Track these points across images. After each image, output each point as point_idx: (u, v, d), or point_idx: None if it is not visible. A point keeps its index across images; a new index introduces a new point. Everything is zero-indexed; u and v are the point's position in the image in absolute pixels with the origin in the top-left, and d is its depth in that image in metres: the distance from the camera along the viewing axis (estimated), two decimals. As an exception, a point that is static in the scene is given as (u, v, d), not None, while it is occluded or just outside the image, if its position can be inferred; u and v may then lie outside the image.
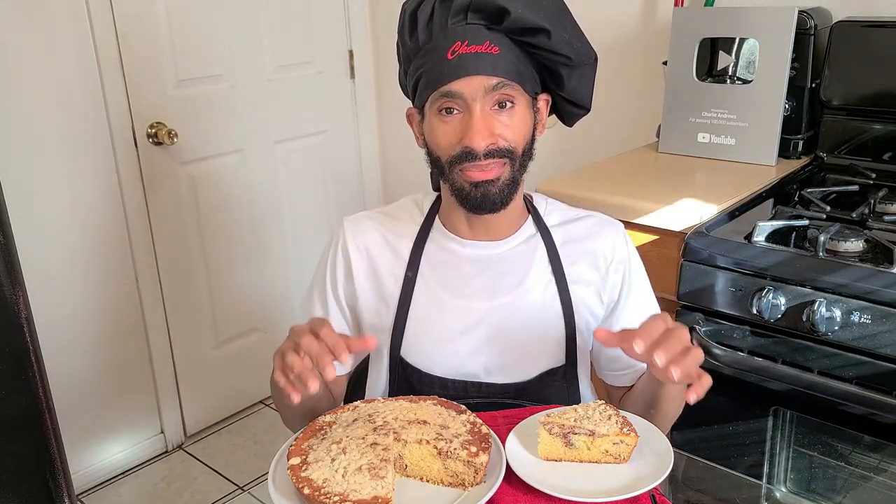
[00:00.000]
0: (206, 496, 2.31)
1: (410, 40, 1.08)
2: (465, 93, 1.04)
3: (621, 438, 0.97)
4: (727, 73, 1.90)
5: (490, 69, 1.03)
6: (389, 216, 1.22)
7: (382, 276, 1.18)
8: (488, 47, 1.03)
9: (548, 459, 0.99)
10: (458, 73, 1.03)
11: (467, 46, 1.03)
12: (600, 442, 0.98)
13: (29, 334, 1.10)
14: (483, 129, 1.04)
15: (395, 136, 2.91)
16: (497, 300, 1.16)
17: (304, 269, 2.78)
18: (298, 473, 0.91)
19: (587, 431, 0.98)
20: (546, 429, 0.98)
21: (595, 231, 1.19)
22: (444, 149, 1.08)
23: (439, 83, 1.05)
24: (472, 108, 1.04)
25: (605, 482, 0.95)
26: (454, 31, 1.04)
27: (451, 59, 1.03)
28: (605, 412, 1.00)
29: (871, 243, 1.37)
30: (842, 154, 1.80)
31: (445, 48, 1.04)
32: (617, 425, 0.98)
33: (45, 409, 1.13)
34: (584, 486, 0.94)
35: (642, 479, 0.95)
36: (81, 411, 2.27)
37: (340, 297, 1.21)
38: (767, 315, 1.35)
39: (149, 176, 2.31)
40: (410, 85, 1.12)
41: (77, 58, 2.09)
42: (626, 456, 0.98)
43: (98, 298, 2.26)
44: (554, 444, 0.99)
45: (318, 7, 2.65)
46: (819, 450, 1.43)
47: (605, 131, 2.27)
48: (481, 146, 1.04)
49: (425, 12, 1.06)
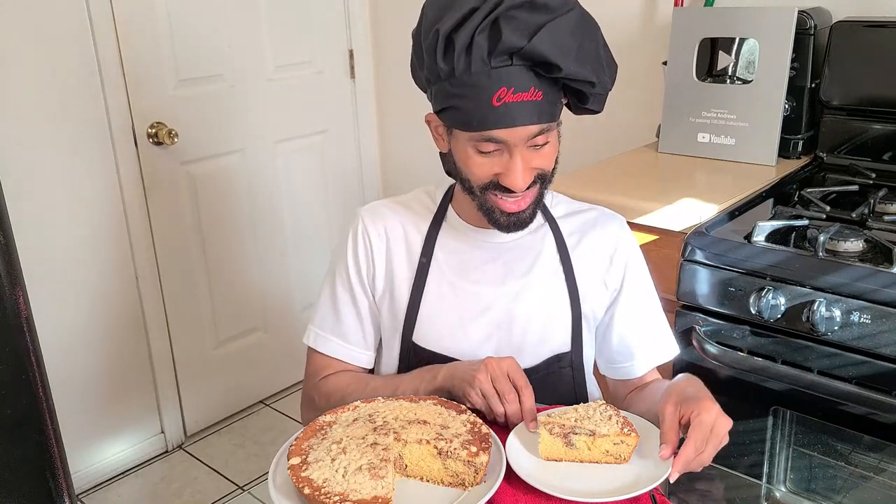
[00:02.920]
0: (206, 496, 2.31)
1: (444, 63, 1.03)
2: (508, 140, 1.04)
3: (622, 439, 0.97)
4: (727, 73, 1.90)
5: (535, 118, 1.04)
6: (403, 205, 1.26)
7: (397, 260, 1.22)
8: (533, 93, 1.02)
9: (548, 459, 0.99)
10: (505, 122, 1.03)
11: (513, 94, 1.01)
12: (601, 442, 0.98)
13: (29, 334, 1.10)
14: (524, 171, 1.06)
15: (395, 135, 2.91)
16: (507, 286, 1.19)
17: (305, 269, 2.78)
18: (298, 473, 0.91)
19: (588, 431, 0.98)
20: (547, 429, 0.98)
21: (599, 223, 1.23)
22: (479, 177, 1.09)
23: (483, 127, 1.04)
24: (513, 153, 1.06)
25: (605, 482, 0.95)
26: (499, 75, 1.01)
27: (496, 105, 1.01)
28: (605, 412, 1.01)
29: (871, 243, 1.37)
30: (842, 154, 1.80)
31: (490, 92, 1.01)
32: (617, 425, 0.98)
33: (45, 409, 1.13)
34: (584, 486, 0.95)
35: (642, 479, 0.95)
36: (81, 411, 2.27)
37: (364, 279, 1.23)
38: (767, 315, 1.35)
39: (149, 176, 2.31)
40: (437, 100, 1.10)
41: (77, 58, 2.09)
42: (627, 456, 0.98)
43: (98, 298, 2.26)
44: (554, 444, 0.99)
45: (318, 7, 2.65)
46: (819, 450, 1.43)
47: (605, 131, 2.27)
48: (522, 188, 1.07)
49: (463, 39, 1.00)
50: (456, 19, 1.01)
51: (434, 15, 1.05)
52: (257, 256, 2.65)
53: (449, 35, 1.02)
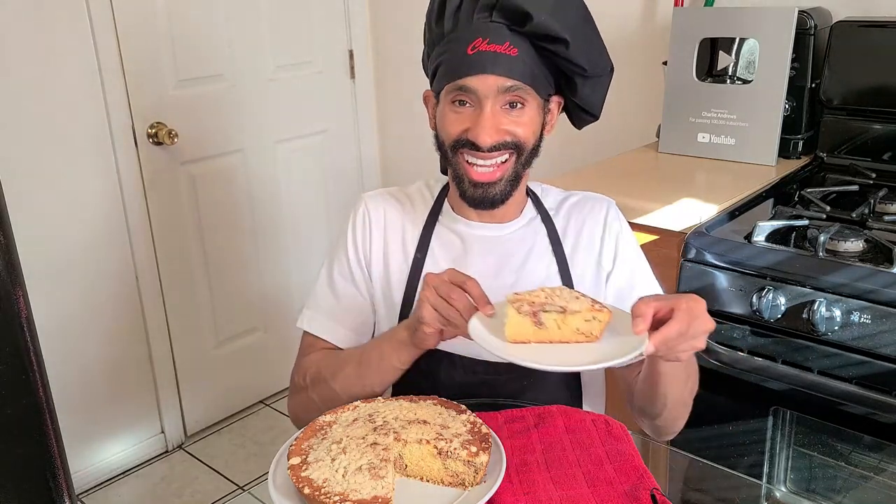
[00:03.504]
0: (206, 496, 2.31)
1: (436, 26, 1.11)
2: (479, 89, 1.07)
3: (593, 315, 0.91)
4: (727, 73, 1.90)
5: (506, 71, 1.06)
6: (406, 196, 1.27)
7: (393, 254, 1.23)
8: (507, 48, 1.06)
9: (515, 342, 0.93)
10: (475, 69, 1.06)
11: (487, 44, 1.05)
12: (572, 319, 0.92)
13: (29, 334, 1.10)
14: (490, 127, 1.08)
15: (395, 135, 2.91)
16: (502, 279, 1.20)
17: (304, 269, 2.78)
18: (298, 473, 0.91)
19: (558, 308, 0.91)
20: (515, 307, 0.91)
21: (587, 207, 1.24)
22: (451, 136, 1.12)
23: (456, 76, 1.07)
24: (483, 105, 1.08)
25: (579, 357, 0.90)
26: (477, 27, 1.06)
27: (470, 54, 1.06)
28: (571, 294, 0.95)
29: (871, 243, 1.37)
30: (842, 154, 1.80)
31: (466, 42, 1.06)
32: (588, 303, 0.93)
33: (45, 409, 1.13)
34: (557, 360, 0.89)
35: (617, 352, 0.89)
36: (81, 411, 2.27)
37: (361, 261, 1.24)
38: (767, 315, 1.35)
39: (149, 176, 2.31)
40: (431, 69, 1.15)
41: (77, 58, 2.09)
42: (599, 333, 0.92)
43: (98, 298, 2.26)
44: (523, 323, 0.92)
45: (318, 7, 2.65)
46: (819, 450, 1.43)
47: (605, 131, 2.26)
48: (487, 143, 1.08)
49: (454, 1, 1.08)
50: None
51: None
52: (257, 256, 2.65)
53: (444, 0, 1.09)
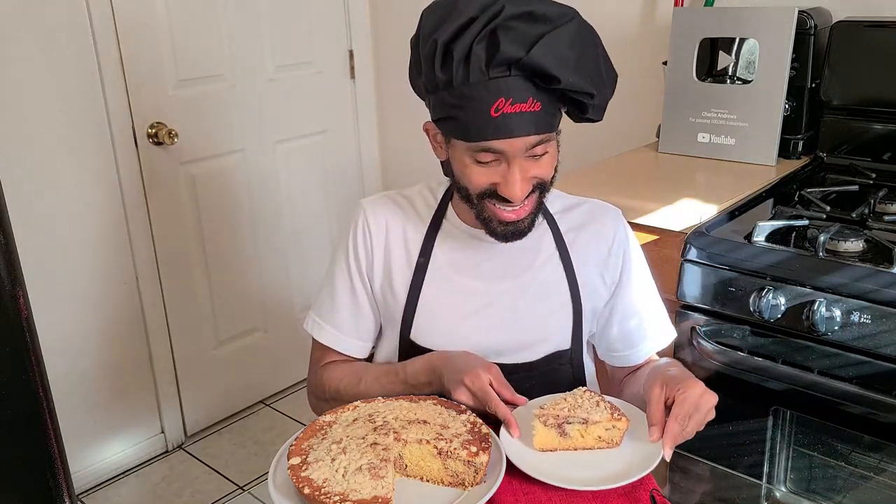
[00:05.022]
0: (206, 496, 2.31)
1: (442, 73, 1.03)
2: (506, 150, 1.04)
3: (613, 423, 1.01)
4: (727, 73, 1.90)
5: (533, 129, 1.03)
6: (407, 200, 1.26)
7: (396, 256, 1.22)
8: (531, 104, 1.02)
9: (543, 450, 1.02)
10: (502, 133, 1.02)
11: (511, 105, 1.01)
12: (594, 429, 1.02)
13: (29, 334, 1.10)
14: (521, 181, 1.06)
15: (395, 135, 2.91)
16: (507, 283, 1.19)
17: (305, 269, 2.78)
18: (298, 473, 0.91)
19: (581, 420, 1.01)
20: (541, 421, 1.01)
21: (595, 216, 1.24)
22: (477, 187, 1.09)
23: (481, 138, 1.03)
24: (511, 163, 1.05)
25: (601, 468, 0.99)
26: (497, 86, 1.00)
27: (494, 116, 1.01)
28: (592, 399, 1.04)
29: (871, 243, 1.37)
30: (842, 154, 1.80)
31: (488, 103, 1.00)
32: (607, 412, 1.02)
33: (45, 408, 1.13)
34: (581, 475, 0.98)
35: (635, 462, 0.99)
36: (81, 411, 2.27)
37: (363, 270, 1.23)
38: (767, 315, 1.35)
39: (149, 176, 2.30)
40: (434, 109, 1.10)
41: (77, 58, 2.09)
42: (619, 440, 1.02)
43: (98, 298, 2.26)
44: (549, 434, 1.02)
45: (318, 7, 2.65)
46: (819, 450, 1.43)
47: (605, 131, 2.26)
48: (519, 198, 1.07)
49: (461, 49, 1.00)
50: (454, 29, 1.00)
51: (432, 24, 1.04)
52: (257, 256, 2.65)
53: (447, 45, 1.01)
